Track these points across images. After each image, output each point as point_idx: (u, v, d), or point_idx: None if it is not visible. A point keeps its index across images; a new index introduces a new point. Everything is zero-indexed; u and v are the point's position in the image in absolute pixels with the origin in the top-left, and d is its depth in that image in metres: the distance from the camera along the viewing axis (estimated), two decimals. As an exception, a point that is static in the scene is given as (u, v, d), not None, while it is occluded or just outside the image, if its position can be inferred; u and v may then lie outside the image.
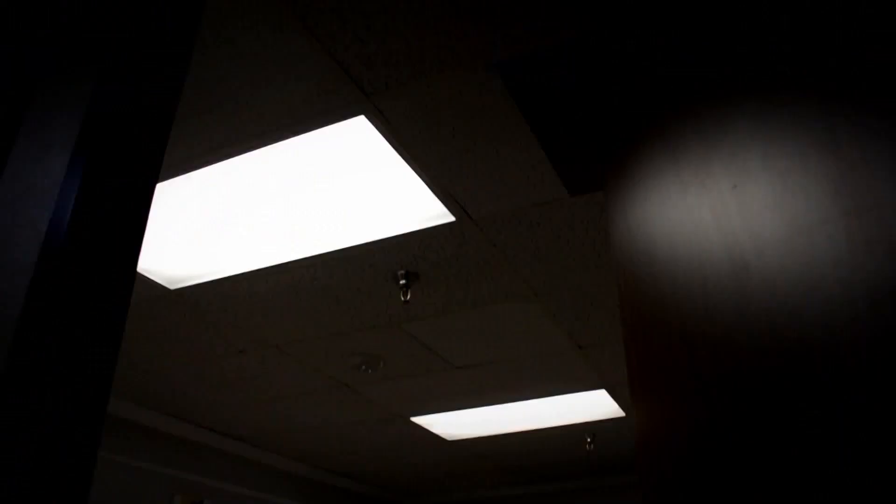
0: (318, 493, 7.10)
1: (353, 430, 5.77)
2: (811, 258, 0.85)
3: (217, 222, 2.94)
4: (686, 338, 1.23)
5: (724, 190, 1.13)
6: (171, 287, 3.42)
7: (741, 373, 1.00)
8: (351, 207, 2.82)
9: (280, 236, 3.01)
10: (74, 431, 1.00)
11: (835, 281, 0.80)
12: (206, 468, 5.81)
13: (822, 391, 0.80)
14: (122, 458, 5.09)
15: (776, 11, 1.02)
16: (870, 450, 0.73)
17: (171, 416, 5.47)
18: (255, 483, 6.29)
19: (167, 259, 3.22)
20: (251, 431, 5.86)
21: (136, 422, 5.26)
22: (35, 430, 0.92)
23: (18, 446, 0.89)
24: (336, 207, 2.83)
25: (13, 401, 0.90)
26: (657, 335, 1.41)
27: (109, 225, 1.13)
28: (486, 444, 6.22)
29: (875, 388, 0.73)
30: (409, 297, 3.26)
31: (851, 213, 0.80)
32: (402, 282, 3.23)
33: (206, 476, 5.78)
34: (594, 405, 5.19)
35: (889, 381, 0.71)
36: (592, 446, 6.11)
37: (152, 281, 3.35)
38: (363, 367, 4.32)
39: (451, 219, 2.88)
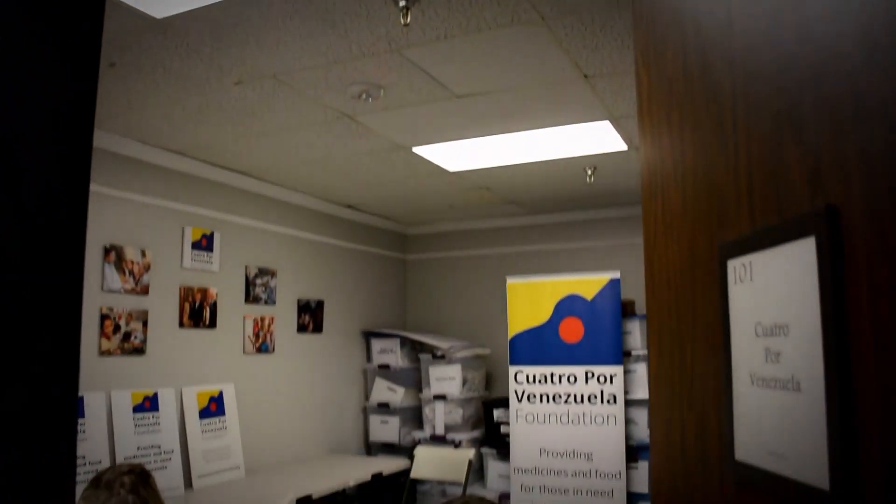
0: (322, 224, 7.33)
1: (355, 160, 5.81)
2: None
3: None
4: (704, 58, 1.14)
5: None
6: (158, 17, 3.24)
7: (765, 94, 0.93)
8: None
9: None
10: (60, 171, 0.96)
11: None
12: (214, 202, 5.97)
13: (857, 108, 0.74)
14: (134, 195, 5.24)
15: None
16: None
17: (176, 153, 5.50)
18: (261, 215, 6.48)
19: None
20: (254, 165, 5.92)
21: (143, 160, 5.33)
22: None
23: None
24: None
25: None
26: (672, 58, 1.32)
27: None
28: (488, 176, 6.31)
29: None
30: (409, 19, 3.09)
31: None
32: (402, 3, 3.04)
33: (215, 209, 5.95)
34: (597, 137, 5.16)
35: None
36: (593, 179, 6.19)
37: (137, 10, 3.16)
38: (363, 96, 4.23)
39: (453, -67, 2.65)
